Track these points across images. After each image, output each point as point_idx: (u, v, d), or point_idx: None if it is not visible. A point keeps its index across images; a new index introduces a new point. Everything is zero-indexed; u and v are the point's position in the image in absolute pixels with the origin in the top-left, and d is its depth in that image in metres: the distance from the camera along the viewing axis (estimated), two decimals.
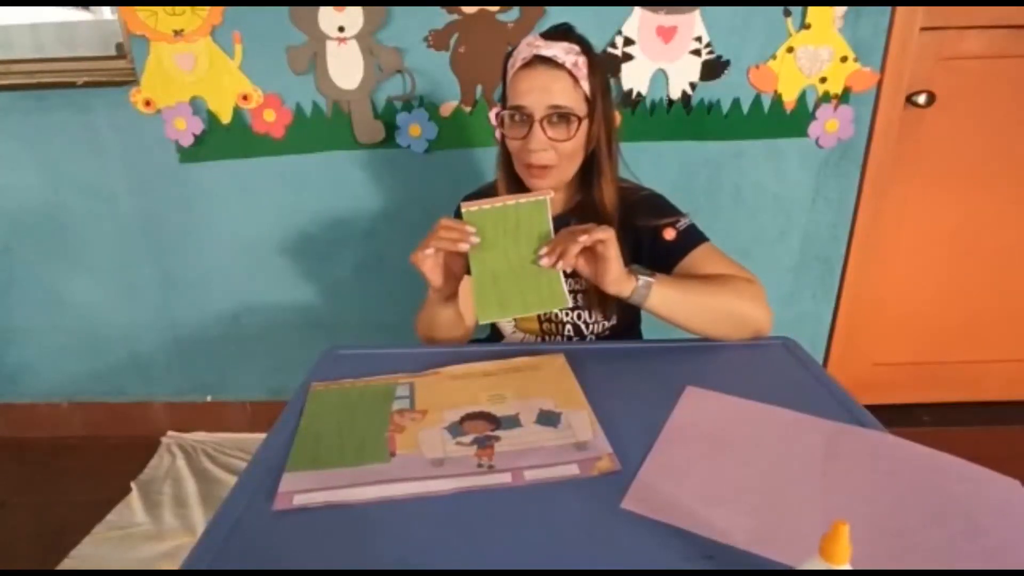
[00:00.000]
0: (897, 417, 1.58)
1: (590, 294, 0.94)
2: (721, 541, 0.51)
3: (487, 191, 1.00)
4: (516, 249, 0.80)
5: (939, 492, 0.56)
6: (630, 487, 0.58)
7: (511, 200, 0.80)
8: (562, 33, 0.87)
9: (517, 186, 0.95)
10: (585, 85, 0.86)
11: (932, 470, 0.59)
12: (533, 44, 0.86)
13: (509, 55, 0.90)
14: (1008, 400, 1.81)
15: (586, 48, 0.87)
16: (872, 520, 0.53)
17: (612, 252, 0.76)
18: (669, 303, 0.81)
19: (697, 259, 0.91)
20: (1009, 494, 0.55)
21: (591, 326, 0.99)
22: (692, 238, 0.93)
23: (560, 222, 0.98)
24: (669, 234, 0.92)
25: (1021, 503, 0.54)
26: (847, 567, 0.39)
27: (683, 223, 0.93)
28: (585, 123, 0.87)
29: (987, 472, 0.58)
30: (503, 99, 0.92)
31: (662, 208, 0.97)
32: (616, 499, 0.56)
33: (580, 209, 0.96)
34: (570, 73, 0.84)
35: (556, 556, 0.51)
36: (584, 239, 0.75)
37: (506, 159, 0.94)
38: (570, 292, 0.81)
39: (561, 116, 0.85)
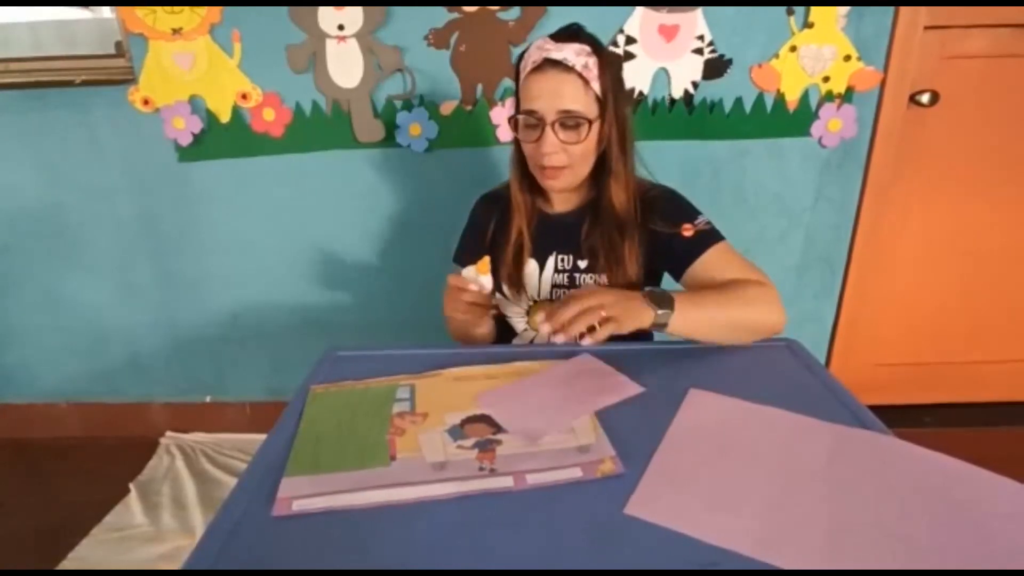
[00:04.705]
0: (899, 418, 1.58)
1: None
2: (726, 547, 0.50)
3: (504, 190, 1.03)
4: None
5: (945, 497, 0.55)
6: (634, 492, 0.57)
7: None
8: (572, 34, 0.87)
9: (531, 186, 0.97)
10: (596, 86, 0.85)
11: (938, 475, 0.58)
12: (543, 47, 0.85)
13: (521, 56, 0.90)
14: (1010, 401, 1.81)
15: (597, 48, 0.86)
16: (877, 525, 0.52)
17: (618, 316, 0.76)
18: (689, 325, 0.81)
19: (712, 259, 0.91)
20: (1014, 499, 0.55)
21: None
22: (709, 237, 0.93)
23: (572, 220, 0.99)
24: (687, 231, 0.92)
25: None
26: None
27: (701, 221, 0.94)
28: (596, 125, 0.87)
29: (993, 476, 0.57)
30: (516, 101, 0.92)
31: (680, 205, 0.97)
32: (619, 502, 0.56)
33: (592, 208, 0.97)
34: (580, 76, 0.84)
35: (559, 561, 0.50)
36: (591, 319, 0.75)
37: (520, 160, 0.95)
38: None
39: (572, 120, 0.85)
